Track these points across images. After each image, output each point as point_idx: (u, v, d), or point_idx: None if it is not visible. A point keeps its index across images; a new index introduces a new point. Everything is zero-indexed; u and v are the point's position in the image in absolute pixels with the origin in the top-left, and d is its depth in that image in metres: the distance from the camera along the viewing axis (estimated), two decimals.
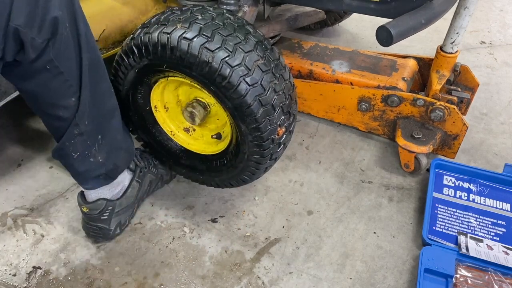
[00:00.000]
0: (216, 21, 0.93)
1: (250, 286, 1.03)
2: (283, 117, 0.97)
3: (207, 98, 1.07)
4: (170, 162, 1.20)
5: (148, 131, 1.16)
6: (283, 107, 0.97)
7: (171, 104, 1.14)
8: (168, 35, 0.90)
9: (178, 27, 0.91)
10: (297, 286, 1.03)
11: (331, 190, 1.27)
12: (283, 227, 1.17)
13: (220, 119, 1.12)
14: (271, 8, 1.41)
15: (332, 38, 2.00)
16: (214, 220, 1.19)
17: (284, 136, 1.02)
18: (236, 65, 0.89)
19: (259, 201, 1.24)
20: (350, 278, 1.05)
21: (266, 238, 1.14)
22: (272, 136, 0.97)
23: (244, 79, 0.89)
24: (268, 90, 0.92)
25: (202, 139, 1.17)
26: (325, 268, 1.07)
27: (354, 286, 1.03)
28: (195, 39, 0.89)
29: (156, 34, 0.92)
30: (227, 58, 0.88)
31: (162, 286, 1.03)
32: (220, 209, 1.22)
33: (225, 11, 0.98)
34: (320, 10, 1.60)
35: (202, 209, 1.22)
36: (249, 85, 0.89)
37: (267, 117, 0.93)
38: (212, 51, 0.88)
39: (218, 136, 1.14)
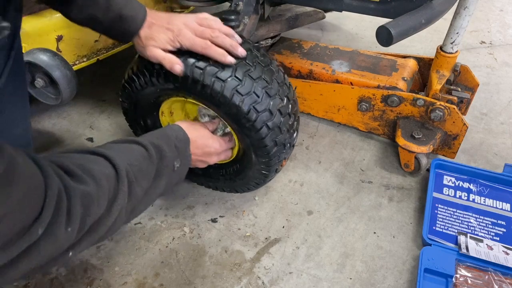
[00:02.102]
0: (247, 61, 0.92)
1: (250, 286, 1.03)
2: (289, 151, 1.06)
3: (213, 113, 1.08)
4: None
5: None
6: (291, 143, 1.04)
7: (176, 111, 1.14)
8: (201, 71, 0.88)
9: (211, 62, 0.89)
10: (297, 286, 1.03)
11: (331, 190, 1.27)
12: (283, 227, 1.17)
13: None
14: (271, 8, 1.41)
15: (332, 38, 2.00)
16: (214, 220, 1.19)
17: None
18: (262, 111, 0.91)
19: (259, 201, 1.24)
20: (350, 278, 1.05)
21: (266, 238, 1.14)
22: (277, 167, 1.06)
23: (266, 123, 0.92)
24: (283, 132, 0.97)
25: None
26: (325, 268, 1.07)
27: (354, 286, 1.03)
28: (228, 80, 0.88)
29: (189, 67, 0.89)
30: (255, 104, 0.90)
31: (162, 286, 1.03)
32: (220, 209, 1.22)
33: (252, 45, 0.97)
34: (320, 10, 1.60)
35: (202, 209, 1.22)
36: (269, 129, 0.94)
37: (278, 154, 1.00)
38: (243, 95, 0.89)
39: None
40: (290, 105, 0.99)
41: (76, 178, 0.60)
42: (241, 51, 0.91)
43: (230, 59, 0.89)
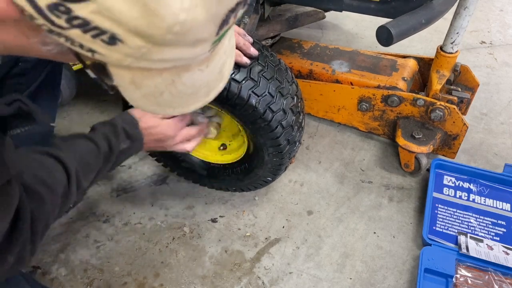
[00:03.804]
0: (259, 61, 0.93)
1: (250, 286, 1.03)
2: (298, 148, 1.08)
3: (217, 111, 1.07)
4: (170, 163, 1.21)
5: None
6: (299, 140, 1.06)
7: None
8: None
9: None
10: (297, 286, 1.03)
11: (331, 190, 1.27)
12: (283, 227, 1.17)
13: (226, 131, 1.14)
14: (271, 8, 1.41)
15: (332, 38, 2.00)
16: (214, 220, 1.19)
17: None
18: (277, 111, 0.92)
19: (259, 201, 1.24)
20: (350, 278, 1.05)
21: (266, 238, 1.14)
22: (287, 165, 1.09)
23: (281, 123, 0.94)
24: (295, 130, 0.99)
25: (204, 147, 1.17)
26: (325, 268, 1.07)
27: (354, 286, 1.03)
28: (244, 81, 0.88)
29: None
30: (270, 104, 0.91)
31: (162, 286, 1.03)
32: (220, 209, 1.22)
33: (261, 45, 0.97)
34: (320, 10, 1.60)
35: (202, 209, 1.21)
36: (283, 128, 0.95)
37: (289, 152, 1.02)
38: (259, 96, 0.89)
39: (224, 147, 1.16)
40: (299, 104, 1.01)
41: (37, 197, 0.67)
42: (254, 51, 0.91)
43: (246, 60, 0.89)
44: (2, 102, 0.50)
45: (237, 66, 0.89)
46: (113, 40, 0.38)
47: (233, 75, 0.88)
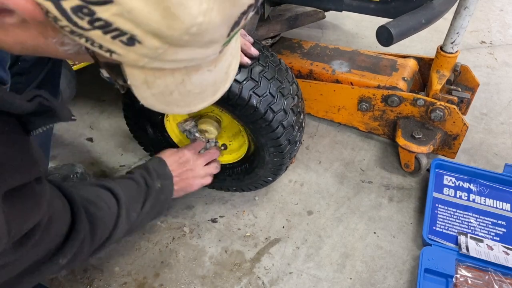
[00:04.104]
0: (260, 61, 0.92)
1: (250, 286, 1.03)
2: (298, 148, 1.09)
3: (217, 111, 1.07)
4: None
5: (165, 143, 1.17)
6: (299, 140, 1.06)
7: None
8: None
9: None
10: (297, 286, 1.03)
11: (331, 190, 1.27)
12: (283, 227, 1.17)
13: (227, 131, 1.13)
14: (271, 8, 1.41)
15: (332, 38, 2.00)
16: (214, 220, 1.19)
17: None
18: (278, 111, 0.92)
19: (259, 201, 1.24)
20: (350, 278, 1.05)
21: (266, 238, 1.14)
22: (287, 165, 1.09)
23: (282, 123, 0.94)
24: (295, 130, 0.99)
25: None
26: (325, 268, 1.07)
27: (354, 286, 1.03)
28: (245, 81, 0.88)
29: None
30: (271, 104, 0.91)
31: (162, 286, 1.03)
32: (220, 209, 1.22)
33: (261, 45, 0.97)
34: (320, 10, 1.60)
35: (202, 209, 1.21)
36: (284, 128, 0.95)
37: (290, 151, 1.02)
38: (260, 97, 0.89)
39: (225, 147, 1.17)
40: (300, 104, 1.01)
41: (96, 206, 0.76)
42: (254, 51, 0.91)
43: (247, 60, 0.89)
44: (22, 98, 0.50)
45: (238, 66, 0.88)
46: (132, 41, 0.39)
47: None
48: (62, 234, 0.63)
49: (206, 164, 1.06)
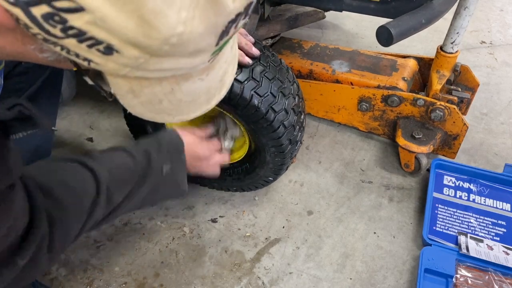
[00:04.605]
0: (261, 61, 0.93)
1: (250, 286, 1.03)
2: (299, 148, 1.09)
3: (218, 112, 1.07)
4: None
5: None
6: (300, 140, 1.06)
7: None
8: None
9: None
10: (297, 286, 1.03)
11: (331, 190, 1.27)
12: (283, 227, 1.17)
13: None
14: (271, 8, 1.41)
15: (332, 38, 2.00)
16: (214, 220, 1.19)
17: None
18: (279, 111, 0.92)
19: (259, 201, 1.24)
20: (350, 278, 1.05)
21: (266, 238, 1.14)
22: (288, 165, 1.08)
23: (283, 123, 0.94)
24: (296, 129, 0.99)
25: None
26: (325, 268, 1.07)
27: (354, 286, 1.03)
28: (247, 81, 0.88)
29: None
30: (272, 104, 0.91)
31: (162, 286, 1.03)
32: (220, 209, 1.22)
33: (262, 45, 0.97)
34: (320, 10, 1.60)
35: (202, 209, 1.21)
36: (285, 128, 0.95)
37: (291, 151, 1.02)
38: (261, 97, 0.89)
39: None
40: (300, 103, 1.01)
41: (59, 204, 0.66)
42: (255, 51, 0.91)
43: (248, 60, 0.89)
44: (2, 107, 0.49)
45: (239, 66, 0.88)
46: (109, 50, 0.37)
47: (235, 75, 0.87)
48: (19, 235, 0.59)
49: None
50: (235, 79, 0.87)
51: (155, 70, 0.42)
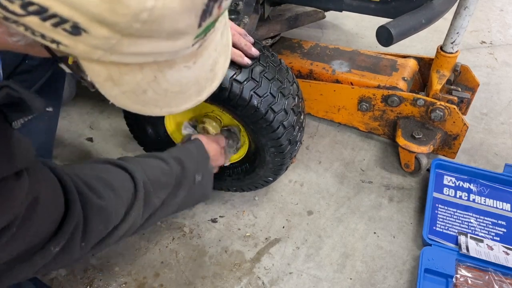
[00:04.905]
0: (260, 62, 0.93)
1: (250, 286, 1.03)
2: (299, 148, 1.08)
3: (217, 111, 1.07)
4: None
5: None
6: (300, 140, 1.06)
7: (183, 113, 1.14)
8: None
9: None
10: (297, 286, 1.03)
11: (331, 190, 1.27)
12: (283, 227, 1.17)
13: None
14: (271, 8, 1.41)
15: (332, 38, 2.00)
16: (214, 220, 1.19)
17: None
18: (278, 111, 0.92)
19: (259, 201, 1.24)
20: (350, 278, 1.05)
21: (266, 238, 1.14)
22: (288, 165, 1.08)
23: (282, 123, 0.94)
24: (296, 130, 0.99)
25: None
26: (325, 268, 1.07)
27: (354, 286, 1.03)
28: (246, 82, 0.88)
29: None
30: (272, 104, 0.91)
31: (162, 286, 1.03)
32: (220, 209, 1.22)
33: (262, 45, 0.97)
34: (320, 10, 1.60)
35: (202, 209, 1.21)
36: (285, 128, 0.95)
37: (291, 152, 1.02)
38: (260, 97, 0.89)
39: None
40: (300, 104, 1.01)
41: (97, 193, 0.66)
42: (255, 51, 0.91)
43: (247, 60, 0.89)
44: None
45: (239, 66, 0.88)
46: (76, 29, 0.35)
47: (234, 75, 0.87)
48: (54, 221, 0.59)
49: None
50: (234, 79, 0.87)
51: (131, 53, 0.39)
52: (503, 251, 1.05)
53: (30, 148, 0.55)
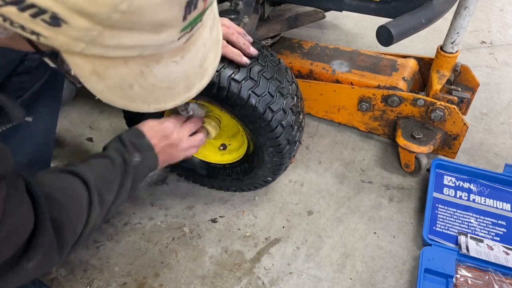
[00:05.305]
0: (259, 61, 0.92)
1: (250, 286, 1.03)
2: (298, 148, 1.08)
3: (217, 111, 1.07)
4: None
5: None
6: (299, 140, 1.06)
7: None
8: (217, 73, 0.87)
9: (226, 64, 0.88)
10: (297, 286, 1.03)
11: (331, 190, 1.27)
12: (283, 227, 1.17)
13: (226, 131, 1.13)
14: (271, 8, 1.41)
15: (332, 38, 2.00)
16: (214, 220, 1.19)
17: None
18: (277, 110, 0.92)
19: (259, 201, 1.24)
20: (350, 278, 1.05)
21: (266, 238, 1.14)
22: (287, 165, 1.08)
23: (281, 123, 0.93)
24: (295, 130, 0.99)
25: (204, 147, 1.17)
26: (325, 268, 1.07)
27: (354, 286, 1.03)
28: (244, 81, 0.88)
29: None
30: (270, 104, 0.91)
31: (162, 286, 1.03)
32: (220, 209, 1.22)
33: (261, 45, 0.97)
34: (320, 10, 1.60)
35: (202, 209, 1.21)
36: (283, 128, 0.95)
37: (290, 151, 1.01)
38: (259, 96, 0.89)
39: (224, 147, 1.16)
40: (299, 103, 1.01)
41: (59, 205, 0.66)
42: (253, 50, 0.91)
43: (246, 60, 0.89)
44: None
45: (237, 66, 0.88)
46: (55, 20, 0.34)
47: (233, 75, 0.87)
48: (23, 237, 0.57)
49: (190, 135, 0.96)
50: (233, 79, 0.87)
51: (114, 46, 0.38)
52: (503, 251, 1.05)
53: (9, 157, 0.53)
